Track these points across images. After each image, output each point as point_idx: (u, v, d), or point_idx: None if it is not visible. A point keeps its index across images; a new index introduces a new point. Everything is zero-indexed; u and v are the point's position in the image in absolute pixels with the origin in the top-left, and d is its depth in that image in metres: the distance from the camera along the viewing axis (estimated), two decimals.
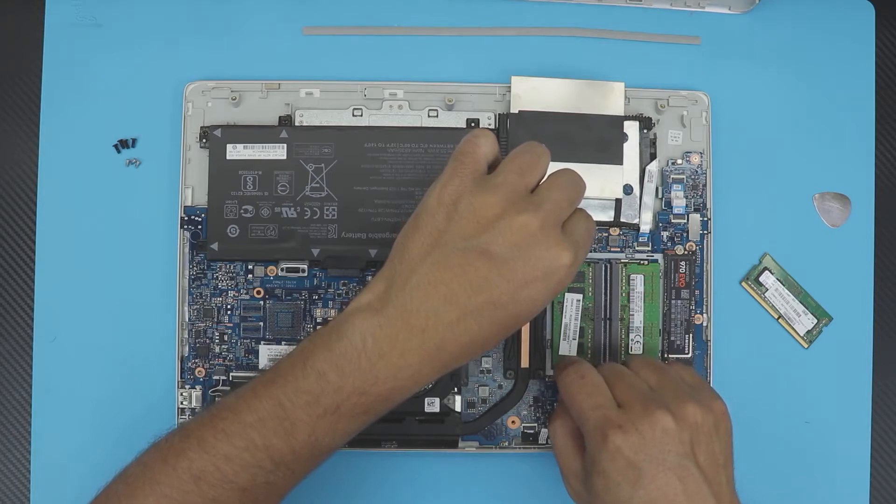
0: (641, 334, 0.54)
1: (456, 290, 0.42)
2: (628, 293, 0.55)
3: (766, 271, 0.57)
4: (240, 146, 0.54)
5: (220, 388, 0.54)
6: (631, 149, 0.55)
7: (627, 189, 0.55)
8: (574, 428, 0.48)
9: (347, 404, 0.42)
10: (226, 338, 0.54)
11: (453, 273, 0.42)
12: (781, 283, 0.56)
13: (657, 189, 0.55)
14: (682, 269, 0.55)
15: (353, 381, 0.42)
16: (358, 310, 0.43)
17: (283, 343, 0.54)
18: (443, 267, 0.42)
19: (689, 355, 0.55)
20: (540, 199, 0.44)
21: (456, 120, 0.55)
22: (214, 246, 0.54)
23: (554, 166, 0.54)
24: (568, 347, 0.54)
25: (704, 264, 0.56)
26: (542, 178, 0.45)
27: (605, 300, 0.54)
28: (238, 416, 0.42)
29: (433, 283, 0.42)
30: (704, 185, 0.56)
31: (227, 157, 0.54)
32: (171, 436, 0.44)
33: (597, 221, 0.54)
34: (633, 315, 0.55)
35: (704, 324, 0.55)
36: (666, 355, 0.55)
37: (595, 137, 0.54)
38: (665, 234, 0.55)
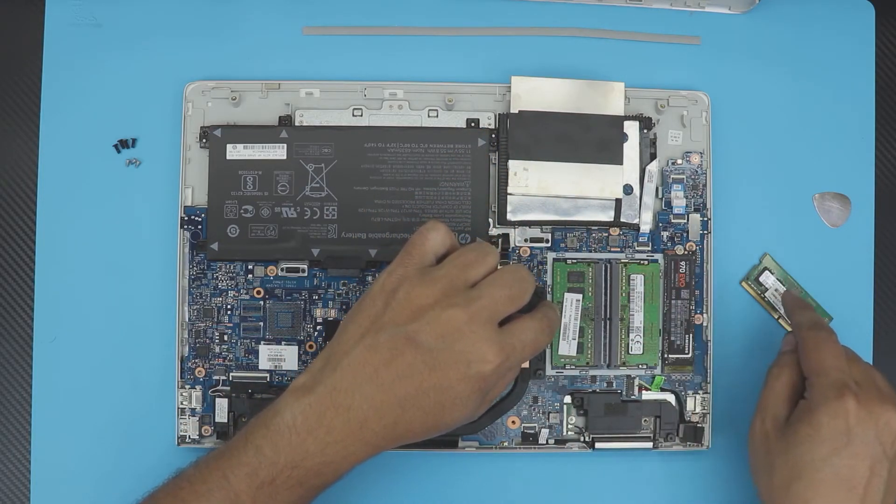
0: (641, 334, 0.54)
1: (383, 374, 0.44)
2: (628, 293, 0.55)
3: (766, 271, 0.57)
4: (240, 146, 0.54)
5: (220, 387, 0.54)
6: (631, 149, 0.55)
7: (627, 189, 0.55)
8: (798, 380, 0.50)
9: (282, 477, 0.44)
10: (226, 338, 0.54)
11: (381, 357, 0.44)
12: (781, 283, 0.56)
13: (657, 189, 0.55)
14: (682, 269, 0.55)
15: (285, 455, 0.44)
16: (294, 389, 0.46)
17: (282, 343, 0.54)
18: (373, 350, 0.45)
19: (689, 355, 0.55)
20: (476, 294, 0.45)
21: (456, 120, 0.55)
22: (214, 246, 0.54)
23: (554, 166, 0.54)
24: (568, 347, 0.54)
25: (704, 264, 0.55)
26: (488, 273, 0.47)
27: (605, 300, 0.54)
28: (193, 486, 0.45)
29: (362, 365, 0.45)
30: (704, 185, 0.56)
31: (227, 157, 0.54)
32: (144, 502, 0.46)
33: (597, 221, 0.55)
34: (633, 315, 0.54)
35: (704, 324, 0.55)
36: (666, 355, 0.55)
37: (595, 137, 0.54)
38: (665, 234, 0.55)
